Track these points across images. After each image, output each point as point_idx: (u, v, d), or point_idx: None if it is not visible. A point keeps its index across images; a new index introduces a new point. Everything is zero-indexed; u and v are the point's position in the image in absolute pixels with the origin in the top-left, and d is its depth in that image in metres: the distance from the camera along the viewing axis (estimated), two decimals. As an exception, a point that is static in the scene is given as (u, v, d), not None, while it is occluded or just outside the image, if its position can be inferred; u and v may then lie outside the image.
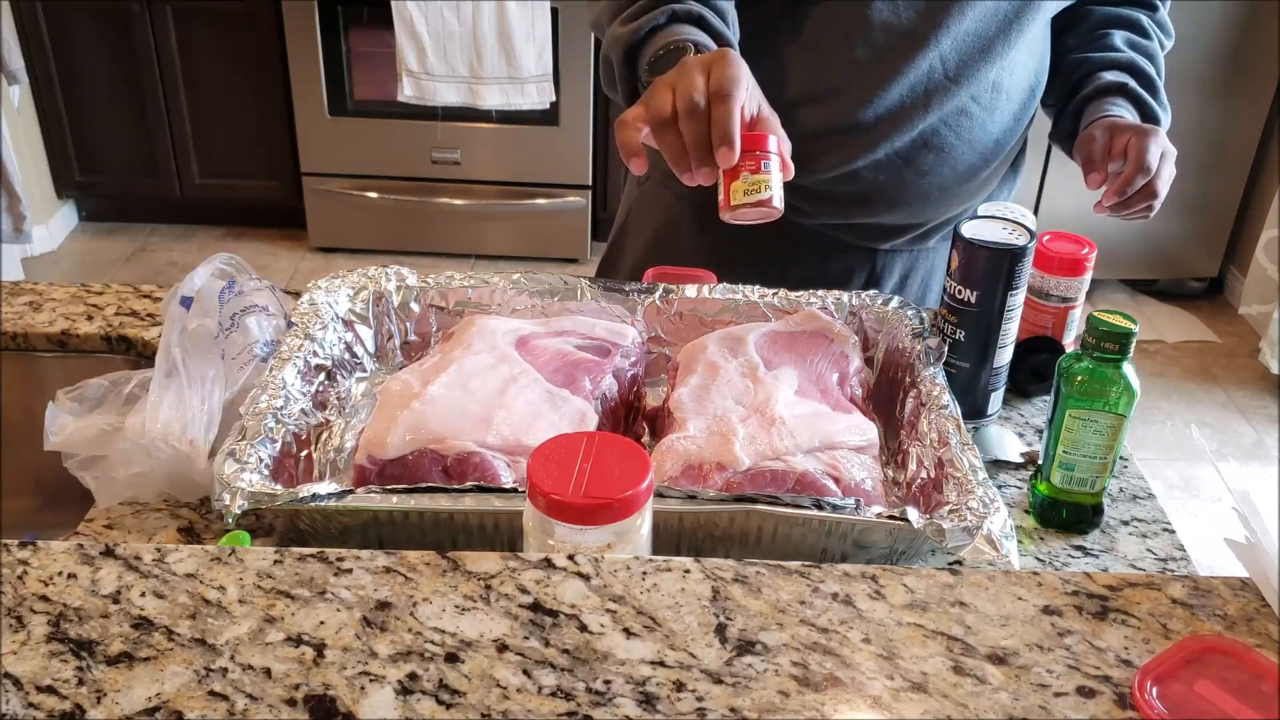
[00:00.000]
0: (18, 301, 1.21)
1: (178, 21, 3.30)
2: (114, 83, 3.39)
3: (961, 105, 1.17)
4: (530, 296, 1.13)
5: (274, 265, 3.52)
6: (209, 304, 1.03)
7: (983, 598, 0.75)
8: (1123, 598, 0.75)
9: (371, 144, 3.41)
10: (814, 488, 0.88)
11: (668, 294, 1.14)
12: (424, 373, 0.99)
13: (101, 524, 0.93)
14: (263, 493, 0.83)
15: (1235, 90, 3.20)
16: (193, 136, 3.48)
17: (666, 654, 0.69)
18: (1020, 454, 1.06)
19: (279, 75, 3.35)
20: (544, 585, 0.73)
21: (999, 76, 1.17)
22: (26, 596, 0.71)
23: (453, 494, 0.84)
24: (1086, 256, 1.15)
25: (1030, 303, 1.19)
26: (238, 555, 0.75)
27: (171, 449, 0.92)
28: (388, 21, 3.09)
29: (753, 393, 0.98)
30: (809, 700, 0.66)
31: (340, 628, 0.70)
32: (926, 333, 1.08)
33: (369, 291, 1.12)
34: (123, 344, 1.17)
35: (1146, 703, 0.66)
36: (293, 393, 0.96)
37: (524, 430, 0.92)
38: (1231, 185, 3.36)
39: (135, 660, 0.67)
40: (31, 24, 3.29)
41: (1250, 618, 0.74)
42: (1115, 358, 0.91)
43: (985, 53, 1.14)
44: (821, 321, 1.09)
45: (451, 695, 0.65)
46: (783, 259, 1.26)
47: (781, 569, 0.76)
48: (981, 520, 0.82)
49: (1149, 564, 0.94)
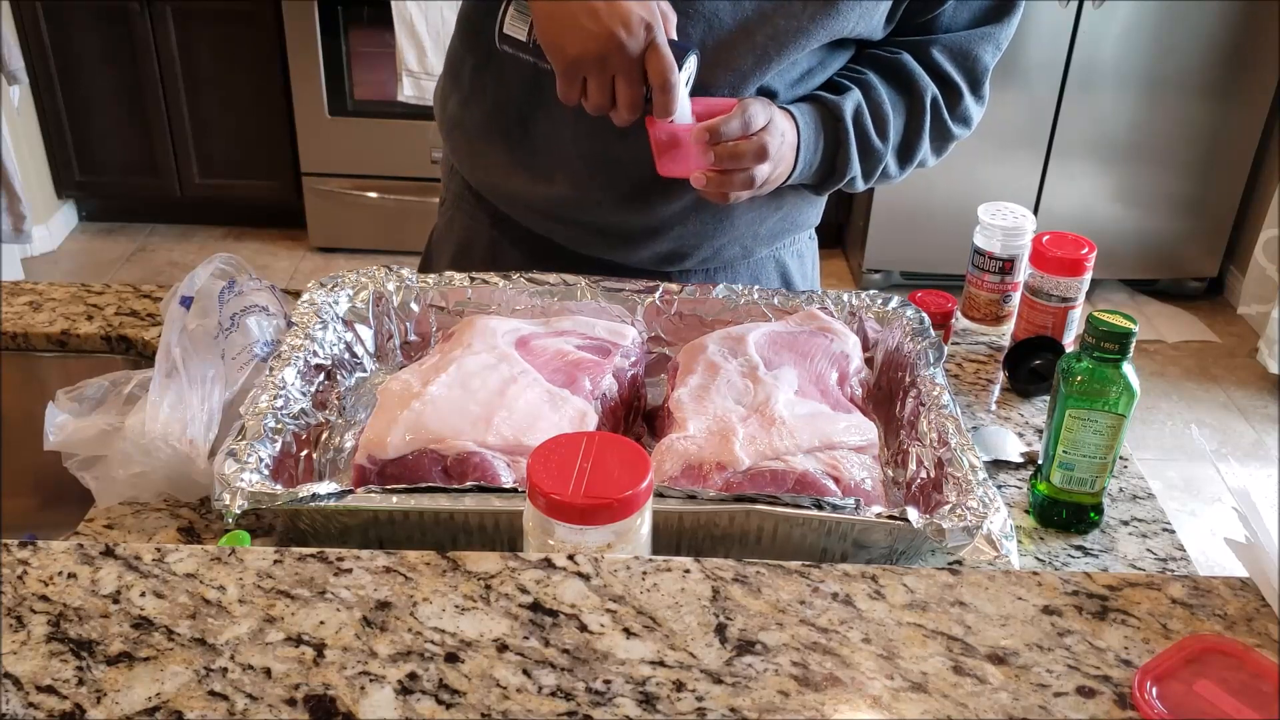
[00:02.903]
0: (18, 301, 1.21)
1: (178, 21, 3.30)
2: (114, 83, 3.39)
3: None
4: (530, 296, 1.13)
5: (274, 265, 3.52)
6: (209, 304, 1.03)
7: (983, 598, 0.75)
8: (1123, 598, 0.75)
9: (371, 144, 3.41)
10: (814, 488, 0.88)
11: (668, 294, 1.14)
12: (424, 373, 0.99)
13: (101, 524, 0.93)
14: (263, 493, 0.83)
15: (1235, 91, 3.20)
16: (193, 136, 3.48)
17: (666, 654, 0.69)
18: (1020, 454, 1.06)
19: (279, 75, 3.35)
20: (544, 585, 0.73)
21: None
22: (26, 596, 0.71)
23: (453, 494, 0.84)
24: (1086, 256, 1.15)
25: (1030, 303, 1.19)
26: (238, 555, 0.75)
27: (171, 449, 0.92)
28: (388, 21, 3.09)
29: (753, 393, 0.98)
30: (809, 700, 0.66)
31: (340, 628, 0.70)
32: (927, 333, 1.08)
33: (369, 291, 1.12)
34: (123, 344, 1.17)
35: (1146, 703, 0.66)
36: (293, 393, 0.96)
37: (524, 430, 0.92)
38: (1231, 185, 3.36)
39: (135, 660, 0.67)
40: (31, 24, 3.29)
41: (1250, 618, 0.74)
42: (1115, 358, 0.91)
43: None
44: (821, 321, 1.09)
45: (451, 695, 0.65)
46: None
47: (781, 569, 0.76)
48: (981, 520, 0.82)
49: (1149, 564, 0.94)
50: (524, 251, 1.24)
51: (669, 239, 1.19)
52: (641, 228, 1.18)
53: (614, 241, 1.20)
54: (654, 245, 1.19)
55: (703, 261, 1.23)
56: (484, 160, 1.21)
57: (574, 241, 1.21)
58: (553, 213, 1.20)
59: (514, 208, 1.23)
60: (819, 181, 1.16)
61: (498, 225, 1.25)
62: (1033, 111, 3.22)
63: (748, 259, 1.27)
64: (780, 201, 1.21)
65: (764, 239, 1.25)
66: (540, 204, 1.19)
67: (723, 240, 1.21)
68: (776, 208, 1.22)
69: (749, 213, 1.20)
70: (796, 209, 1.25)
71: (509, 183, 1.20)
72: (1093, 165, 3.32)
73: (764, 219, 1.22)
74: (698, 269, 1.24)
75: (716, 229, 1.19)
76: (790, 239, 1.30)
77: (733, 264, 1.26)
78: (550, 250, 1.22)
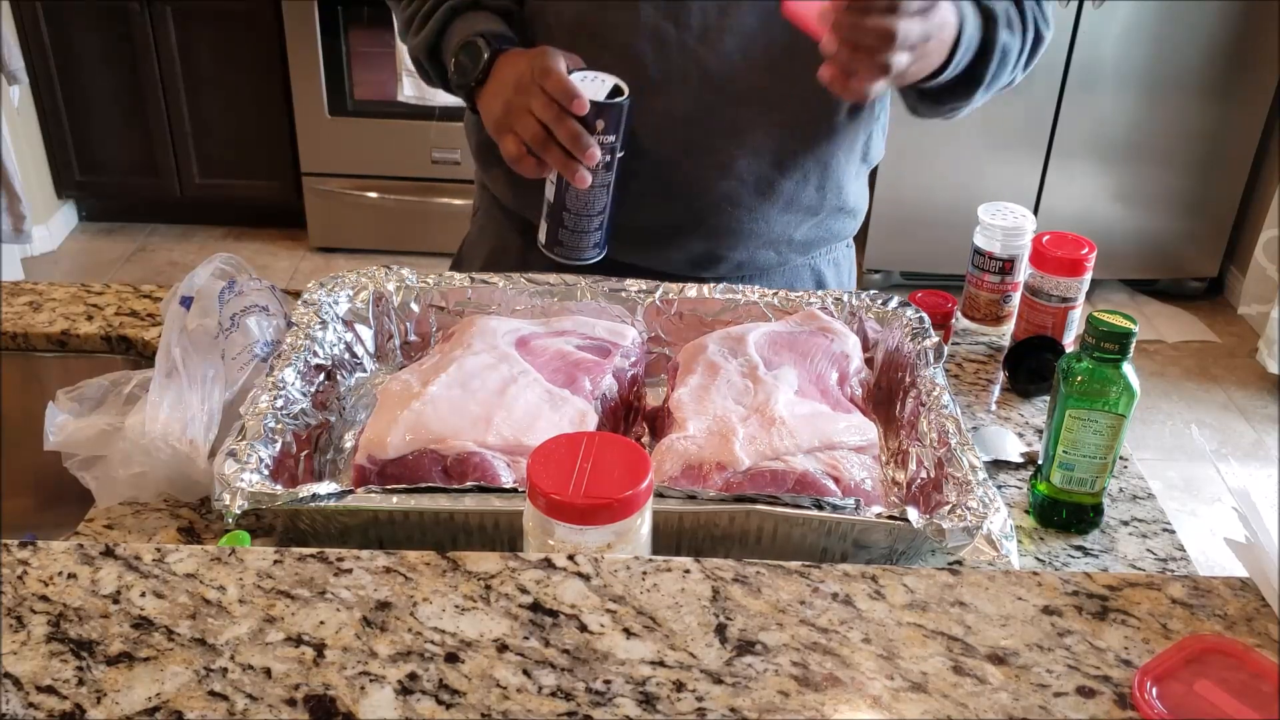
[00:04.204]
0: (18, 301, 1.21)
1: (178, 21, 3.30)
2: (114, 83, 3.39)
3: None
4: (530, 296, 1.13)
5: (274, 265, 3.52)
6: (209, 304, 1.03)
7: (983, 598, 0.75)
8: (1123, 598, 0.75)
9: (371, 144, 3.41)
10: (814, 488, 0.88)
11: (667, 294, 1.14)
12: (424, 373, 0.99)
13: (101, 524, 0.93)
14: (263, 493, 0.83)
15: (1235, 90, 3.20)
16: (193, 136, 3.48)
17: (666, 654, 0.69)
18: (1020, 454, 1.06)
19: (279, 75, 3.35)
20: (544, 585, 0.73)
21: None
22: (26, 596, 0.71)
23: (453, 494, 0.84)
24: (1086, 256, 1.15)
25: (1030, 302, 1.19)
26: (238, 555, 0.75)
27: (171, 449, 0.92)
28: (388, 21, 3.09)
29: (753, 393, 0.98)
30: (809, 700, 0.66)
31: (340, 628, 0.70)
32: (927, 333, 1.08)
33: (369, 291, 1.12)
34: (123, 344, 1.17)
35: (1146, 703, 0.66)
36: (293, 393, 0.96)
37: (524, 430, 0.92)
38: (1231, 185, 3.36)
39: (135, 660, 0.67)
40: (31, 24, 3.29)
41: (1250, 618, 0.74)
42: (1115, 358, 0.91)
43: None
44: (821, 321, 1.09)
45: (451, 695, 0.65)
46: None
47: (781, 569, 0.76)
48: (981, 520, 0.82)
49: (1149, 564, 0.94)
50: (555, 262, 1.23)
51: (699, 237, 1.19)
52: (671, 224, 1.18)
53: (644, 241, 1.19)
54: (686, 245, 1.20)
55: (737, 267, 1.23)
56: (508, 177, 1.21)
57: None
58: None
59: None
60: (952, 88, 1.09)
61: (527, 235, 1.24)
62: (1033, 111, 3.22)
63: (783, 267, 1.26)
64: (819, 208, 1.21)
65: (799, 246, 1.24)
66: None
67: (756, 244, 1.21)
68: (813, 214, 1.22)
69: (784, 215, 1.20)
70: (834, 218, 1.24)
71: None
72: (1093, 165, 3.32)
73: (799, 224, 1.21)
74: (732, 276, 1.23)
75: (752, 228, 1.19)
76: (827, 248, 1.30)
77: (768, 271, 1.25)
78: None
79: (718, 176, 1.16)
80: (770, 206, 1.18)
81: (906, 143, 3.23)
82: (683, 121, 1.14)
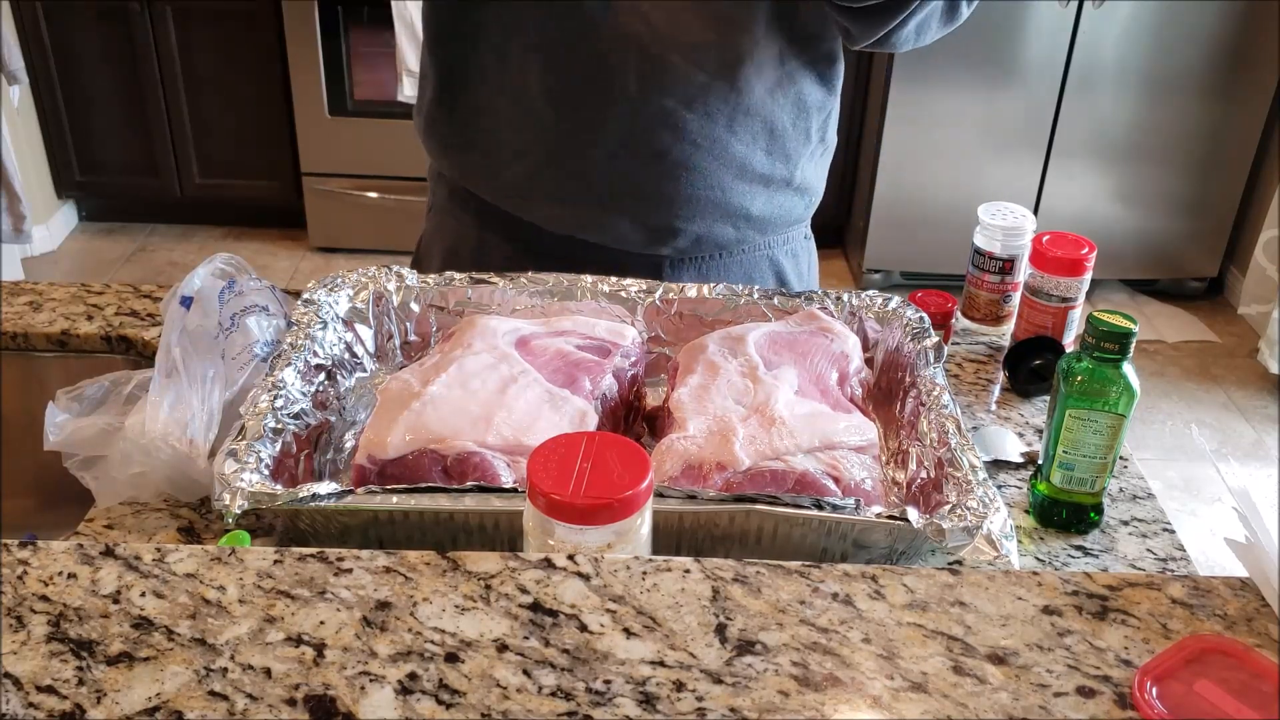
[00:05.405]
0: (18, 301, 1.21)
1: (178, 21, 3.30)
2: (114, 83, 3.39)
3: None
4: (530, 296, 1.13)
5: (274, 265, 3.52)
6: (209, 304, 1.03)
7: (983, 598, 0.75)
8: (1123, 598, 0.75)
9: (371, 144, 3.41)
10: (814, 488, 0.88)
11: (668, 294, 1.14)
12: (424, 373, 0.99)
13: (101, 524, 0.93)
14: (263, 493, 0.83)
15: (1235, 90, 3.20)
16: (193, 136, 3.48)
17: (666, 654, 0.69)
18: (1020, 454, 1.06)
19: (279, 75, 3.35)
20: (544, 585, 0.73)
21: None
22: (26, 596, 0.71)
23: (453, 494, 0.84)
24: (1086, 256, 1.15)
25: (1030, 303, 1.19)
26: (238, 555, 0.75)
27: (171, 449, 0.92)
28: (388, 21, 3.09)
29: (753, 393, 0.98)
30: (809, 700, 0.66)
31: (340, 628, 0.70)
32: (927, 333, 1.08)
33: (369, 291, 1.12)
34: (123, 344, 1.17)
35: (1146, 703, 0.66)
36: (293, 393, 0.96)
37: (524, 430, 0.92)
38: (1231, 185, 3.36)
39: (135, 660, 0.67)
40: (31, 24, 3.29)
41: (1250, 618, 0.74)
42: (1115, 358, 0.91)
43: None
44: (821, 321, 1.09)
45: (451, 695, 0.65)
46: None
47: (781, 569, 0.76)
48: (981, 520, 0.82)
49: (1149, 564, 0.94)
50: (513, 246, 1.25)
51: (653, 204, 1.19)
52: (625, 191, 1.18)
53: (599, 211, 1.20)
54: (639, 215, 1.19)
55: (696, 243, 1.23)
56: (460, 155, 1.24)
57: (554, 222, 1.22)
58: (530, 188, 1.21)
59: (497, 194, 1.24)
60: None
61: (483, 222, 1.27)
62: (1033, 111, 3.22)
63: (742, 247, 1.27)
64: (771, 178, 1.22)
65: (757, 223, 1.24)
66: (516, 180, 1.22)
67: (714, 215, 1.21)
68: (765, 184, 1.22)
69: (738, 182, 1.20)
70: (785, 194, 1.25)
71: (479, 162, 1.23)
72: (1093, 165, 3.32)
73: (753, 195, 1.22)
74: (691, 254, 1.24)
75: (707, 194, 1.19)
76: (783, 235, 1.30)
77: (728, 249, 1.26)
78: (536, 236, 1.23)
79: (670, 140, 1.16)
80: (724, 171, 1.18)
81: (906, 143, 3.24)
82: (635, 78, 1.13)
